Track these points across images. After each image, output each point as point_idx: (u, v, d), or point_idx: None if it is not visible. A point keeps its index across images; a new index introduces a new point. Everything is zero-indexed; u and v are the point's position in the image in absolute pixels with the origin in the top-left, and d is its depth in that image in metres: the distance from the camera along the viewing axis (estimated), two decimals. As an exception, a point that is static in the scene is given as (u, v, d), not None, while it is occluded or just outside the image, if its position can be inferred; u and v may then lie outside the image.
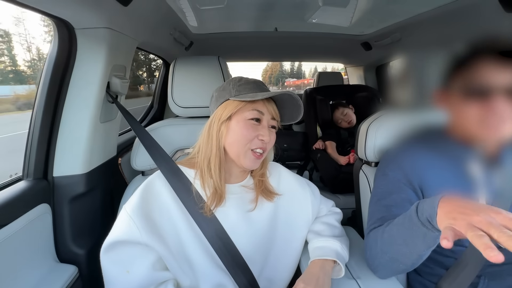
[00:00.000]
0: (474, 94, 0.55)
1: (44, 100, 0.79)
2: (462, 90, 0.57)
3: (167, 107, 1.96)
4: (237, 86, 0.63)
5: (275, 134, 0.65)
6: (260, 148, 0.61)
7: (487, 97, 0.54)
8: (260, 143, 0.61)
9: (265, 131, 0.60)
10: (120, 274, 0.55)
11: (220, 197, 0.61)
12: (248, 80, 0.65)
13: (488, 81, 0.54)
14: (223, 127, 0.61)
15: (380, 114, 0.90)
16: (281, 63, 40.28)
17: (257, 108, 0.60)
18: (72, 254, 0.84)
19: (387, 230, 0.57)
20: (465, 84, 0.57)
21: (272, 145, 0.66)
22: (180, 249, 0.58)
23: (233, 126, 0.61)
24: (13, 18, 7.14)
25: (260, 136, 0.60)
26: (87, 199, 0.90)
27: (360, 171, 0.92)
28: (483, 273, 0.61)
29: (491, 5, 0.90)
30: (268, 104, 0.62)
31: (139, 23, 1.00)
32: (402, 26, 1.43)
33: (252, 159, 0.61)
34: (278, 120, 0.65)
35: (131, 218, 0.55)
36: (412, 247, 0.51)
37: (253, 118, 0.60)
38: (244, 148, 0.60)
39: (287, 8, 1.45)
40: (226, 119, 0.61)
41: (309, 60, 2.91)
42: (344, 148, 1.85)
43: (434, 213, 0.44)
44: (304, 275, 0.61)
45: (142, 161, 0.89)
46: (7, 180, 0.78)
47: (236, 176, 0.67)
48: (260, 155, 0.62)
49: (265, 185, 0.68)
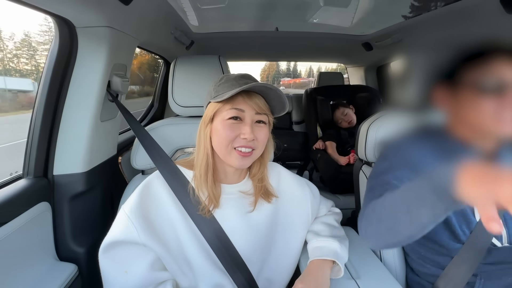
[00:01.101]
0: (489, 89, 0.56)
1: (45, 98, 0.79)
2: (475, 86, 0.57)
3: (167, 106, 1.96)
4: (217, 87, 0.61)
5: (265, 129, 0.61)
6: (244, 147, 0.58)
7: (503, 92, 0.55)
8: (243, 141, 0.58)
9: (247, 129, 0.57)
10: (118, 274, 0.55)
11: (215, 200, 0.61)
12: (229, 77, 0.62)
13: (504, 77, 0.55)
14: (207, 130, 0.61)
15: (380, 114, 0.90)
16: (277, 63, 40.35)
17: (236, 106, 0.58)
18: (72, 252, 0.85)
19: (389, 196, 0.54)
20: (479, 79, 0.57)
21: (263, 141, 0.61)
22: (178, 249, 0.58)
23: (216, 127, 0.60)
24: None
25: (241, 134, 0.57)
26: (87, 197, 0.90)
27: (360, 171, 0.92)
28: (479, 272, 0.61)
29: (492, 6, 0.90)
30: (250, 99, 0.58)
31: (140, 22, 1.00)
32: (403, 26, 1.43)
33: (238, 158, 0.59)
34: (267, 114, 0.61)
35: (129, 219, 0.55)
36: (415, 216, 0.47)
37: (232, 117, 0.58)
38: (228, 149, 0.59)
39: (288, 8, 1.45)
40: (209, 122, 0.61)
41: (309, 60, 2.90)
42: (344, 148, 1.85)
43: (451, 181, 0.40)
44: (302, 276, 0.61)
45: (142, 160, 0.89)
46: (7, 178, 0.78)
47: (232, 176, 0.66)
48: (247, 153, 0.59)
49: (265, 188, 0.67)
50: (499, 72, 0.55)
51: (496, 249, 0.60)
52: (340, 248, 0.65)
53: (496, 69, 0.56)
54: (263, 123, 0.61)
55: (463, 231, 0.61)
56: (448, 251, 0.63)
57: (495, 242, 0.61)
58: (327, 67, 30.89)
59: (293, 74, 47.92)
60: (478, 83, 0.57)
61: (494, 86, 0.55)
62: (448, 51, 0.63)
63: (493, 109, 0.56)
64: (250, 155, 0.59)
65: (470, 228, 0.61)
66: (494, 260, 0.60)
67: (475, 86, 0.57)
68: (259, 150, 0.62)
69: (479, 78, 0.57)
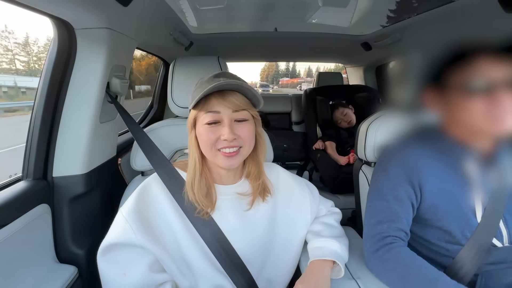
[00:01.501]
0: (477, 89, 0.56)
1: (44, 100, 0.79)
2: (462, 87, 0.57)
3: (167, 107, 1.96)
4: (193, 93, 0.61)
5: (248, 125, 0.59)
6: (228, 147, 0.57)
7: (491, 91, 0.55)
8: (224, 142, 0.57)
9: (225, 129, 0.56)
10: (117, 277, 0.56)
11: (210, 204, 0.61)
12: (202, 80, 0.61)
13: (490, 76, 0.55)
14: (192, 136, 0.61)
15: (379, 114, 0.90)
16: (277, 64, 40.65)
17: (210, 109, 0.57)
18: (71, 254, 0.84)
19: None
20: (466, 81, 0.57)
21: (248, 137, 0.59)
22: (177, 251, 0.58)
23: (198, 132, 0.59)
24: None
25: (221, 136, 0.56)
26: (87, 199, 0.90)
27: (360, 171, 0.92)
28: (481, 272, 0.61)
29: (490, 6, 0.90)
30: (224, 99, 0.56)
31: (139, 23, 1.00)
32: (402, 26, 1.43)
33: (224, 159, 0.58)
34: (246, 109, 0.59)
35: (126, 221, 0.56)
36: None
37: (209, 122, 0.57)
38: (212, 151, 0.58)
39: (287, 8, 1.45)
40: (192, 128, 0.61)
41: (309, 60, 2.90)
42: (344, 148, 1.85)
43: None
44: (303, 277, 0.60)
45: (142, 161, 0.89)
46: (7, 180, 0.78)
47: (226, 177, 0.65)
48: (232, 153, 0.57)
49: (263, 185, 0.66)
50: (485, 71, 0.55)
51: (496, 249, 0.60)
52: (340, 249, 0.65)
53: (482, 69, 0.55)
54: (243, 121, 0.59)
55: (465, 235, 0.61)
56: (450, 252, 0.63)
57: (496, 242, 0.61)
58: (325, 67, 30.97)
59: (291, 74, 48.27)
60: (466, 84, 0.57)
61: (482, 86, 0.55)
62: (434, 53, 0.63)
63: (483, 109, 0.56)
64: (236, 154, 0.58)
65: (471, 231, 0.61)
66: (495, 260, 0.60)
67: (462, 87, 0.57)
68: (247, 147, 0.60)
69: (466, 80, 0.57)
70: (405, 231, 0.64)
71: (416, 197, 0.64)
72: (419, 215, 0.66)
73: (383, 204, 0.65)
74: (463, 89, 0.57)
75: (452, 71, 0.59)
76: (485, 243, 0.60)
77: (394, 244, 0.61)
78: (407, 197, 0.64)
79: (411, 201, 0.64)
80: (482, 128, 0.58)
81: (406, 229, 0.64)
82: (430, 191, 0.63)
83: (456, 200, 0.62)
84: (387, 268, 0.60)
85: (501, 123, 0.55)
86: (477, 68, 0.56)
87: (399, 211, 0.63)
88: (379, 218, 0.65)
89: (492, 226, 0.61)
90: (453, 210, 0.62)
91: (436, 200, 0.63)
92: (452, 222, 0.62)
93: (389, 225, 0.63)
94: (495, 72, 0.55)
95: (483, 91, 0.55)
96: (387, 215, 0.64)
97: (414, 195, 0.64)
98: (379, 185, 0.68)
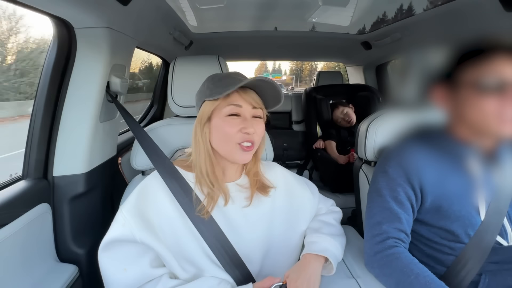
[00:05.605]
0: (490, 88, 0.55)
1: (44, 99, 0.79)
2: (475, 85, 0.57)
3: (167, 106, 1.96)
4: (211, 85, 0.62)
5: (262, 123, 0.63)
6: (247, 141, 0.59)
7: (504, 91, 0.54)
8: (245, 136, 0.59)
9: (247, 123, 0.58)
10: (117, 272, 0.57)
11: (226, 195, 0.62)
12: (221, 76, 0.63)
13: (504, 75, 0.55)
14: (206, 129, 0.61)
15: (380, 113, 0.90)
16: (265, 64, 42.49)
17: (233, 103, 0.59)
18: (72, 253, 0.85)
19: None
20: (479, 78, 0.56)
21: (261, 135, 0.63)
22: (178, 248, 0.59)
23: (215, 125, 0.60)
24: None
25: (243, 129, 0.58)
26: (87, 198, 0.90)
27: (360, 170, 0.92)
28: (484, 271, 0.61)
29: (491, 5, 0.90)
30: (246, 94, 0.60)
31: (139, 22, 1.00)
32: (402, 25, 1.43)
33: (242, 153, 0.60)
34: (261, 108, 0.62)
35: (126, 218, 0.57)
36: None
37: (231, 114, 0.59)
38: (231, 145, 0.59)
39: (287, 7, 1.45)
40: (207, 121, 0.61)
41: (309, 59, 2.91)
42: (344, 147, 1.85)
43: None
44: (293, 268, 0.61)
45: (142, 160, 0.89)
46: (7, 180, 0.78)
47: (231, 174, 0.66)
48: (249, 147, 0.60)
49: (260, 183, 0.67)
50: (500, 70, 0.55)
51: (501, 248, 0.60)
52: (333, 246, 0.65)
53: (496, 68, 0.55)
54: (259, 118, 0.62)
55: (468, 234, 0.61)
56: (453, 250, 0.63)
57: (501, 241, 0.61)
58: (321, 66, 31.07)
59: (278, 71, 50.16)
60: (478, 82, 0.56)
61: (495, 84, 0.55)
62: (446, 50, 0.63)
63: (494, 108, 0.55)
64: (251, 149, 0.61)
65: (474, 230, 0.61)
66: (499, 259, 0.60)
67: (475, 85, 0.57)
68: (257, 144, 0.63)
69: (479, 77, 0.56)
70: (405, 232, 0.64)
71: (416, 198, 0.64)
72: (422, 215, 0.66)
73: (383, 205, 0.65)
74: (475, 87, 0.57)
75: (465, 69, 0.59)
76: (489, 241, 0.60)
77: (394, 249, 0.61)
78: (406, 198, 0.64)
79: (411, 202, 0.64)
80: (490, 127, 0.57)
81: (406, 230, 0.64)
82: (432, 191, 0.63)
83: (459, 199, 0.62)
84: (384, 272, 0.60)
85: (510, 124, 0.55)
86: (492, 66, 0.55)
87: (398, 212, 0.63)
88: (379, 218, 0.65)
89: (495, 223, 0.61)
90: (456, 209, 0.62)
91: (439, 200, 0.63)
92: (455, 221, 0.62)
93: (388, 226, 0.63)
94: (510, 72, 0.54)
95: (495, 90, 0.55)
96: (386, 215, 0.64)
97: (414, 196, 0.64)
98: (379, 186, 0.68)
